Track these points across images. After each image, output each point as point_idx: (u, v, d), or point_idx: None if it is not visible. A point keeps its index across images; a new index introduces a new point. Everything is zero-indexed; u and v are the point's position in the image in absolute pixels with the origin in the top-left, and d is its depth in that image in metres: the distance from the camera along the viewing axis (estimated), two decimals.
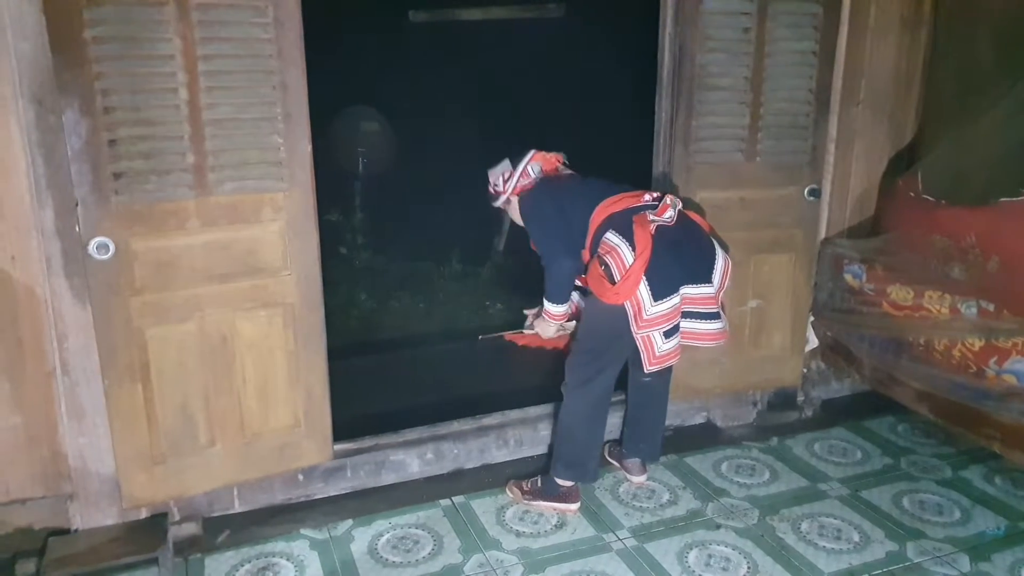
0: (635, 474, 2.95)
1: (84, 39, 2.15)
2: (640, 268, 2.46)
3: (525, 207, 2.75)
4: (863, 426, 3.40)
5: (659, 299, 2.48)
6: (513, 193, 2.76)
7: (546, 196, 2.71)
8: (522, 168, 2.75)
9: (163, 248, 2.37)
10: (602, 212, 2.60)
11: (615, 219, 2.57)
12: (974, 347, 2.58)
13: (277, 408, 2.64)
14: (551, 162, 2.80)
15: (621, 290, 2.48)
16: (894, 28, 3.22)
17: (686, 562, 2.49)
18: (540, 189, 2.75)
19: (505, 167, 2.79)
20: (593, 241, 2.60)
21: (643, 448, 2.96)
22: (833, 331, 3.27)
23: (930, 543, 2.58)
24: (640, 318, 2.50)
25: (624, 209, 2.58)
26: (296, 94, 2.45)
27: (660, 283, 2.48)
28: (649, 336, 2.53)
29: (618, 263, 2.49)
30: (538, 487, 2.79)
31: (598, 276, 2.54)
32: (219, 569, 2.48)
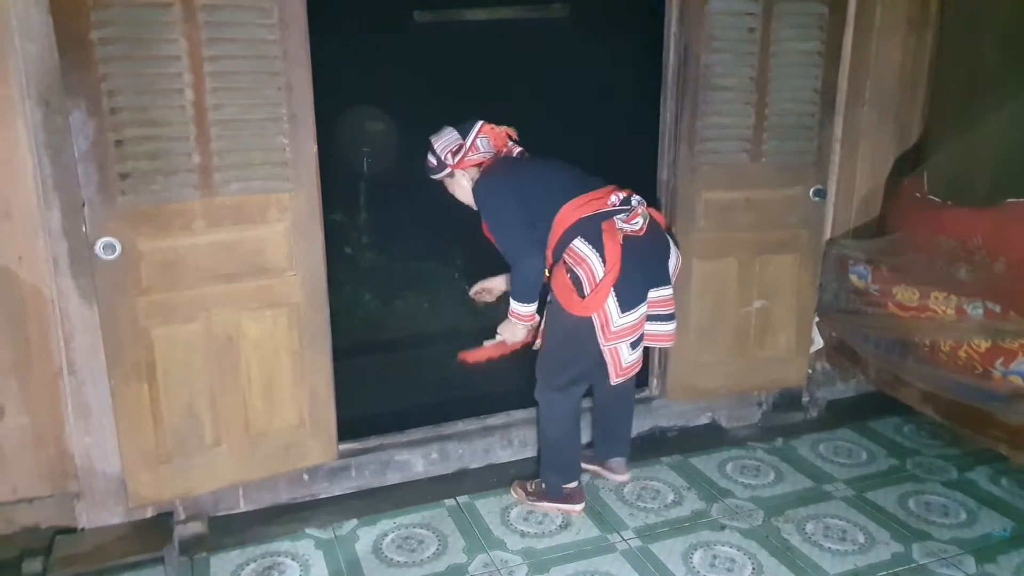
0: (621, 473, 2.93)
1: (91, 40, 2.16)
2: (610, 283, 2.43)
3: (483, 192, 2.55)
4: (868, 427, 3.39)
5: (627, 310, 2.46)
6: (458, 166, 2.57)
7: (506, 186, 2.53)
8: (471, 141, 2.56)
9: (169, 248, 2.38)
10: (569, 214, 2.48)
11: (584, 225, 2.46)
12: (980, 348, 2.57)
13: (282, 408, 2.65)
14: (501, 137, 2.61)
15: (590, 304, 2.45)
16: (900, 29, 3.22)
17: (691, 563, 2.49)
18: (498, 174, 2.56)
19: (451, 138, 2.58)
20: (559, 244, 2.49)
21: (620, 447, 2.94)
22: (838, 332, 3.26)
23: (936, 544, 2.58)
24: (608, 330, 2.47)
25: (593, 213, 2.47)
26: (301, 95, 2.46)
27: (628, 294, 2.46)
28: (616, 348, 2.51)
29: (588, 276, 2.43)
30: (542, 488, 2.79)
31: (566, 286, 2.47)
32: (224, 568, 2.49)
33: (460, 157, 2.56)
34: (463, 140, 2.57)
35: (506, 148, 2.63)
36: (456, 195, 2.68)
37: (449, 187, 2.68)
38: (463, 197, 2.66)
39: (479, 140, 2.58)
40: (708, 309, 3.14)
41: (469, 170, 2.60)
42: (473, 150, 2.57)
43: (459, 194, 2.66)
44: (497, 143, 2.61)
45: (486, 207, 2.55)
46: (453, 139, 2.58)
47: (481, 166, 2.60)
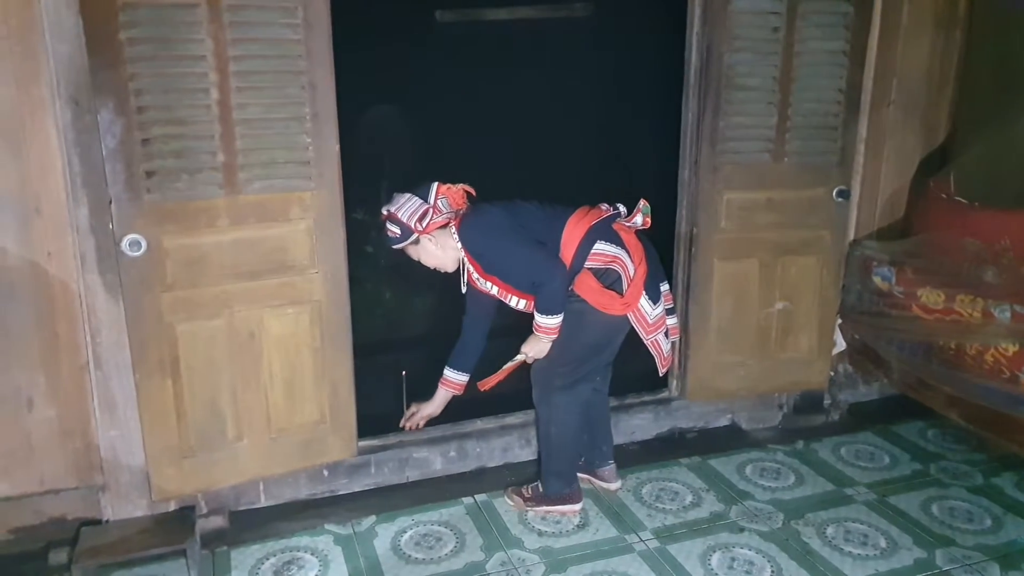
0: (613, 480, 2.90)
1: (119, 40, 2.20)
2: (643, 276, 2.49)
3: (478, 233, 2.50)
4: (892, 431, 3.35)
5: (655, 303, 2.54)
6: (425, 231, 2.48)
7: (500, 216, 2.51)
8: (432, 203, 2.47)
9: (194, 245, 2.41)
10: (575, 227, 2.49)
11: (598, 229, 2.49)
12: (1007, 352, 2.54)
13: (303, 404, 2.68)
14: (458, 196, 2.52)
15: (630, 300, 2.49)
16: (927, 27, 3.18)
17: (709, 565, 2.48)
18: (483, 213, 2.53)
19: (414, 204, 2.47)
20: (576, 256, 2.49)
21: (606, 450, 2.91)
22: (861, 334, 3.23)
23: (960, 551, 2.54)
24: (646, 323, 2.54)
25: (599, 220, 2.51)
26: (324, 94, 2.48)
27: (652, 288, 2.54)
28: (656, 340, 2.59)
29: (624, 272, 2.49)
30: (539, 492, 2.78)
31: (599, 290, 2.49)
32: (245, 562, 2.52)
33: (427, 222, 2.46)
34: (426, 204, 2.47)
35: (464, 207, 2.54)
36: (422, 260, 2.58)
37: (413, 254, 2.57)
38: (430, 261, 2.58)
39: (439, 201, 2.49)
40: (729, 310, 3.13)
41: (435, 233, 2.51)
42: (436, 212, 2.47)
43: (425, 259, 2.57)
44: (455, 203, 2.51)
45: (490, 244, 2.51)
46: (415, 205, 2.47)
47: (446, 227, 2.52)
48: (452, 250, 2.55)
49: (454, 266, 2.61)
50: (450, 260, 2.59)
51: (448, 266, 2.60)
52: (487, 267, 2.55)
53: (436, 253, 2.56)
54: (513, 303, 2.61)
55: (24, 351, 2.37)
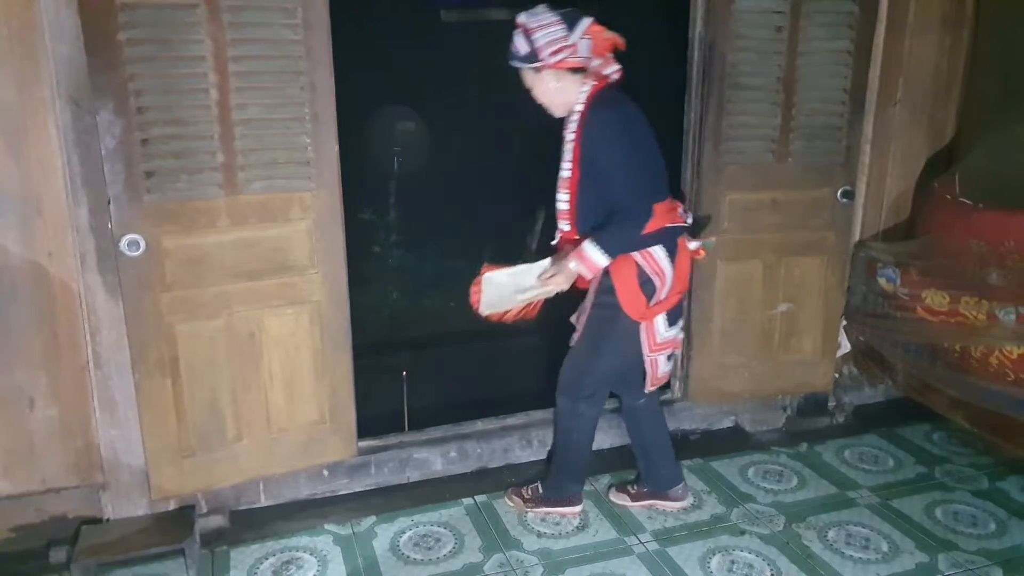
0: (683, 499, 2.78)
1: (118, 41, 2.20)
2: (673, 303, 2.44)
3: (610, 113, 2.25)
4: (897, 433, 3.32)
5: (672, 326, 2.49)
6: (554, 66, 2.23)
7: (645, 127, 2.28)
8: (574, 40, 2.21)
9: (193, 245, 2.42)
10: (660, 215, 2.33)
11: (667, 235, 2.37)
12: (1012, 355, 2.51)
13: (303, 404, 2.68)
14: (605, 44, 2.25)
15: (649, 314, 2.41)
16: (935, 27, 3.14)
17: (708, 568, 2.47)
18: (626, 102, 2.29)
19: (554, 29, 2.19)
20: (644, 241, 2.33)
21: (666, 473, 2.78)
22: (866, 336, 3.20)
23: (962, 555, 2.52)
24: (654, 341, 2.48)
25: (674, 225, 2.40)
26: (324, 95, 2.48)
27: (675, 311, 2.49)
28: (656, 359, 2.53)
29: (661, 287, 2.39)
30: (540, 493, 2.76)
31: (634, 287, 2.37)
32: (244, 562, 2.52)
33: (559, 58, 2.21)
34: (567, 36, 2.20)
35: (604, 59, 2.29)
36: (533, 90, 2.34)
37: (527, 79, 2.32)
38: (542, 96, 2.33)
39: (583, 41, 2.23)
40: (732, 311, 3.11)
41: (560, 73, 2.27)
42: (573, 52, 2.21)
43: (538, 91, 2.32)
44: (598, 50, 2.26)
45: (618, 130, 2.24)
46: (556, 33, 2.20)
47: (578, 74, 2.28)
48: (572, 98, 2.31)
49: (562, 112, 2.37)
50: (562, 105, 2.34)
51: (557, 109, 2.37)
52: (588, 152, 2.27)
53: (552, 90, 2.31)
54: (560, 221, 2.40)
55: (25, 350, 2.38)
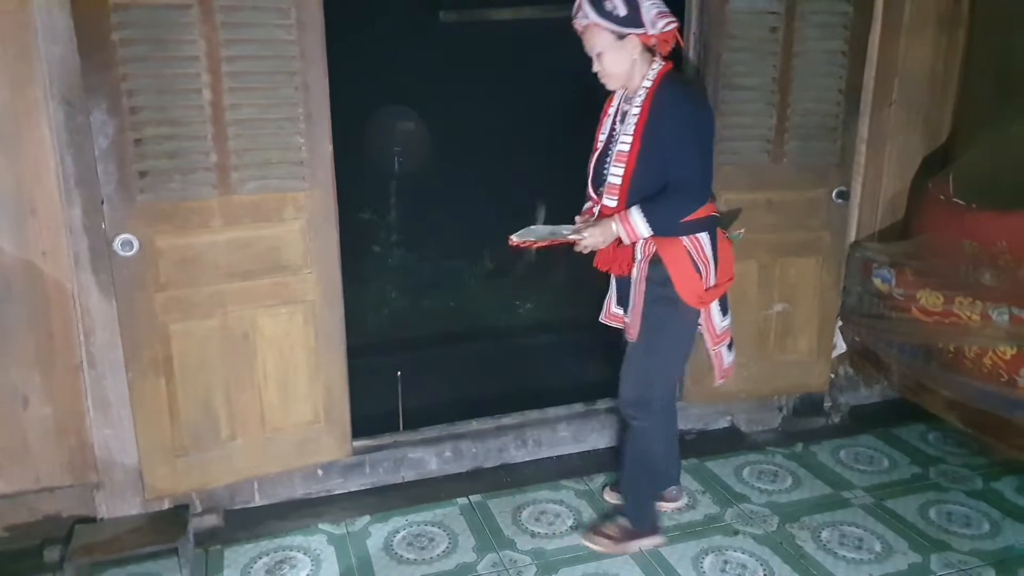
0: (679, 499, 2.80)
1: (112, 42, 2.21)
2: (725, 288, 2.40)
3: (679, 93, 2.23)
4: (892, 434, 3.32)
5: (724, 315, 2.46)
6: (645, 38, 2.18)
7: (706, 109, 2.33)
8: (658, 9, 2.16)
9: (187, 245, 2.42)
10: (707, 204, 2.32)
11: (712, 224, 2.34)
12: (1006, 355, 2.51)
13: (297, 403, 2.68)
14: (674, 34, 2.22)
15: (707, 298, 2.34)
16: (930, 27, 3.14)
17: (701, 568, 2.47)
18: (695, 91, 2.36)
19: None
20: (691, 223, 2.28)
21: (674, 473, 2.81)
22: (862, 336, 3.20)
23: (955, 555, 2.52)
24: (714, 332, 2.46)
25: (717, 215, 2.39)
26: (318, 95, 2.48)
27: (724, 300, 2.46)
28: (720, 351, 2.51)
29: (707, 275, 2.32)
30: (628, 528, 2.56)
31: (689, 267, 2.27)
32: (238, 561, 2.53)
33: (657, 30, 2.17)
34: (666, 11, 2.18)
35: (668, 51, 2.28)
36: (602, 55, 2.21)
37: (598, 42, 2.20)
38: (610, 63, 2.22)
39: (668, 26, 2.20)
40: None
41: (642, 46, 2.21)
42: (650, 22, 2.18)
43: (608, 57, 2.21)
44: (667, 35, 2.22)
45: (694, 116, 2.22)
46: (660, 4, 2.17)
47: (649, 52, 2.24)
48: (638, 73, 2.24)
49: (618, 85, 2.29)
50: (624, 77, 2.25)
51: (617, 80, 2.27)
52: (657, 128, 2.20)
53: (626, 61, 2.21)
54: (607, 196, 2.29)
55: (20, 350, 2.38)
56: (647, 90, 2.25)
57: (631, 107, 2.28)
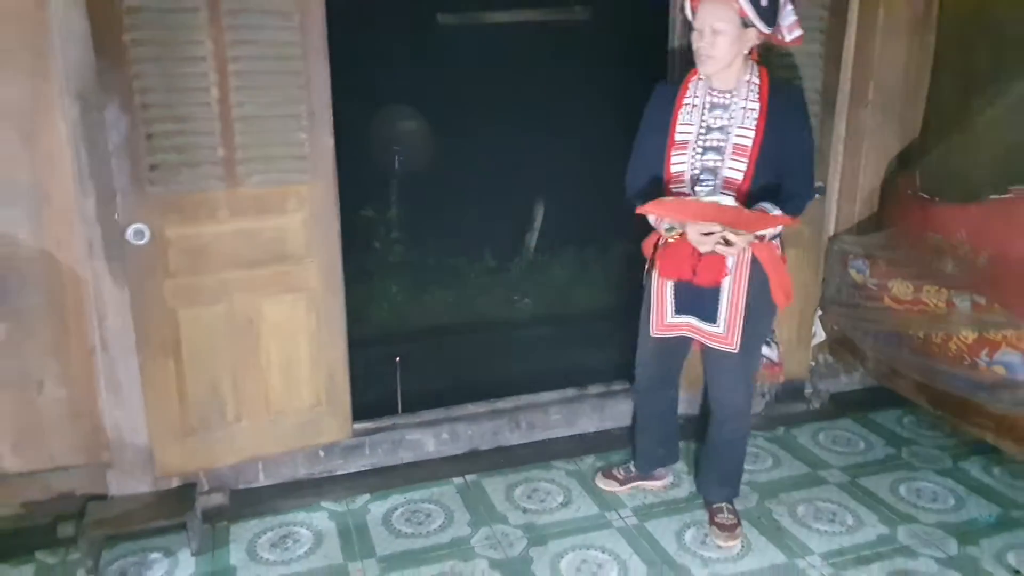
0: (665, 478, 2.93)
1: (124, 42, 2.34)
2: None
3: (804, 100, 2.37)
4: (869, 418, 3.47)
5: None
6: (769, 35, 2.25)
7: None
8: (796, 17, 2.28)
9: (195, 235, 2.55)
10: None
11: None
12: (968, 340, 2.65)
13: (300, 387, 2.81)
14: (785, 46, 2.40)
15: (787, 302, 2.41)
16: (903, 31, 3.28)
17: (683, 540, 2.61)
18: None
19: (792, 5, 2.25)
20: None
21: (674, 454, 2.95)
22: (840, 325, 3.34)
23: (921, 528, 2.67)
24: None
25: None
26: (320, 93, 2.61)
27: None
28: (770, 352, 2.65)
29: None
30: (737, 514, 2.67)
31: (786, 271, 2.39)
32: (243, 536, 2.66)
33: (790, 37, 2.31)
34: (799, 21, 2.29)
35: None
36: (716, 36, 2.20)
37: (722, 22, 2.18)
38: (725, 51, 2.21)
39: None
40: None
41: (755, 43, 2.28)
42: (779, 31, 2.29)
43: (727, 43, 2.20)
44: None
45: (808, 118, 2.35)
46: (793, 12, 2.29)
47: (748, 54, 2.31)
48: (739, 66, 2.28)
49: (715, 69, 2.26)
50: (724, 63, 2.24)
51: (716, 64, 2.24)
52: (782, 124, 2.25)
53: (736, 49, 2.22)
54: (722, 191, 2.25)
55: (35, 335, 2.51)
56: (757, 86, 2.29)
57: (735, 100, 2.28)
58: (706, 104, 2.32)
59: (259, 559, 2.55)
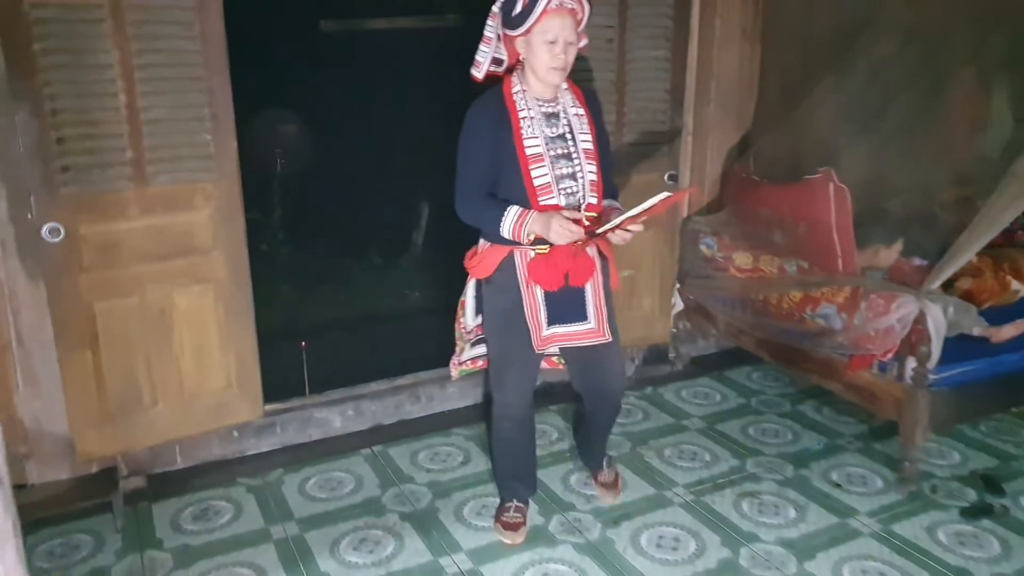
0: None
1: (33, 51, 2.48)
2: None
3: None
4: (725, 376, 3.99)
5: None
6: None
7: None
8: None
9: (108, 232, 2.72)
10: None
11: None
12: (796, 298, 3.16)
13: (211, 371, 3.01)
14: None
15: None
16: (736, 39, 3.80)
17: (569, 483, 3.00)
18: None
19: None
20: None
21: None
22: (695, 295, 3.83)
23: (764, 458, 3.17)
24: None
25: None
26: (222, 97, 2.82)
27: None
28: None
29: None
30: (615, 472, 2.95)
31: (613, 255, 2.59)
32: (166, 513, 2.84)
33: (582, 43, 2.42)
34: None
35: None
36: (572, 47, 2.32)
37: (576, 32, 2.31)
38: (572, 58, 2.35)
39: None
40: None
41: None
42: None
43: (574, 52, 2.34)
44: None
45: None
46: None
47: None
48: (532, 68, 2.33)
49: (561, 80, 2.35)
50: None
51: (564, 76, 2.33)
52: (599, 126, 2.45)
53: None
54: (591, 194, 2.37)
55: None
56: (567, 90, 2.41)
57: (563, 107, 2.38)
58: (541, 116, 2.35)
59: (184, 531, 2.74)
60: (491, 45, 2.40)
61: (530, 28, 2.24)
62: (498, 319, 2.51)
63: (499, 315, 2.50)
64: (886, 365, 2.89)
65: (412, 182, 5.69)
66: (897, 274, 3.07)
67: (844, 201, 2.90)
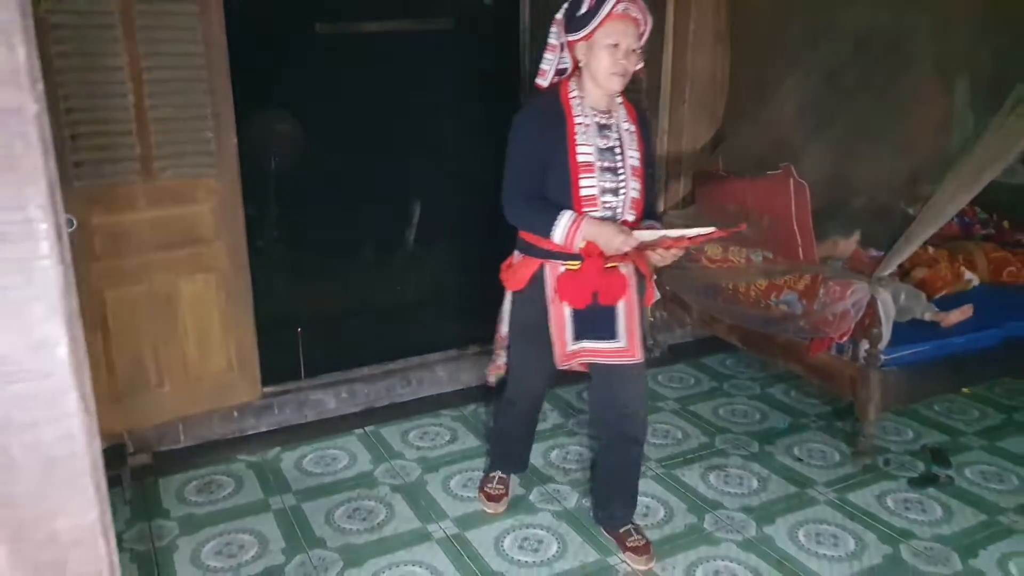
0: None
1: (50, 55, 2.68)
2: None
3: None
4: (700, 362, 4.20)
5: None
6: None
7: None
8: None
9: (117, 223, 2.91)
10: None
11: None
12: (761, 286, 3.38)
13: (213, 355, 3.21)
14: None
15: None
16: (709, 41, 4.02)
17: (549, 458, 3.21)
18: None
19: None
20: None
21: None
22: (671, 286, 4.04)
23: (732, 436, 3.39)
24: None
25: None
26: (223, 97, 3.02)
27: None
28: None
29: None
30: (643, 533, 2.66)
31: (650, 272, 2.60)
32: (171, 487, 3.03)
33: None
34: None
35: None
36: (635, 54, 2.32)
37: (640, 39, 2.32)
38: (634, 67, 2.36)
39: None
40: None
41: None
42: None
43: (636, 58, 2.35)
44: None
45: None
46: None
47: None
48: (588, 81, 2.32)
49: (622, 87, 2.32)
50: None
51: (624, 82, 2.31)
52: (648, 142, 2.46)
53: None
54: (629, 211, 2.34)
55: None
56: (621, 104, 2.37)
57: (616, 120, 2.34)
58: (594, 126, 2.30)
59: (188, 502, 2.94)
60: (555, 53, 2.36)
61: (593, 31, 2.20)
62: (522, 329, 2.50)
63: (524, 325, 2.49)
64: (843, 347, 3.11)
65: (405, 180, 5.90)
66: (856, 264, 3.30)
67: (803, 196, 3.11)
